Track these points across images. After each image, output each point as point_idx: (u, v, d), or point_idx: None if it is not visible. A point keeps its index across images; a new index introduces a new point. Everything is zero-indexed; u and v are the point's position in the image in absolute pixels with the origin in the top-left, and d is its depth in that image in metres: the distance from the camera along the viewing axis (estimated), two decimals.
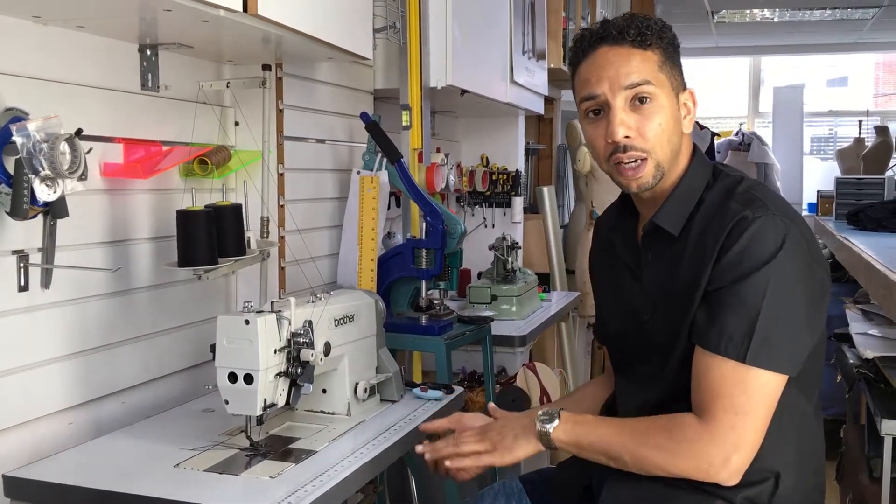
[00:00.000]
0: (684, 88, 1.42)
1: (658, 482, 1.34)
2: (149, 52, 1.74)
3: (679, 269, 1.36)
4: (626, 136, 1.36)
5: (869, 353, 2.71)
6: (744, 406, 1.26)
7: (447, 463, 1.45)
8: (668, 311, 1.39)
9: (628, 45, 1.38)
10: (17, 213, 1.37)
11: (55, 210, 1.45)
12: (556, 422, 1.38)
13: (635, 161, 1.38)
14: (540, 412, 1.40)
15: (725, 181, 1.40)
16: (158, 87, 1.78)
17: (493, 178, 3.34)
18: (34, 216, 1.41)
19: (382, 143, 2.23)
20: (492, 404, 1.60)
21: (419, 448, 1.51)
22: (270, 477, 1.37)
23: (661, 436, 1.32)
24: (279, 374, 1.46)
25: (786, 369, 1.28)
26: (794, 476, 1.36)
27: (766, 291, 1.26)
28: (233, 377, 1.43)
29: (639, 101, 1.36)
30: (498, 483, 1.64)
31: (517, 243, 2.99)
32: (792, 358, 1.29)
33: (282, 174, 2.10)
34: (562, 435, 1.37)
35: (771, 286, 1.26)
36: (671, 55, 1.40)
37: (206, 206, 1.76)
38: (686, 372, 1.35)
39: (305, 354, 1.48)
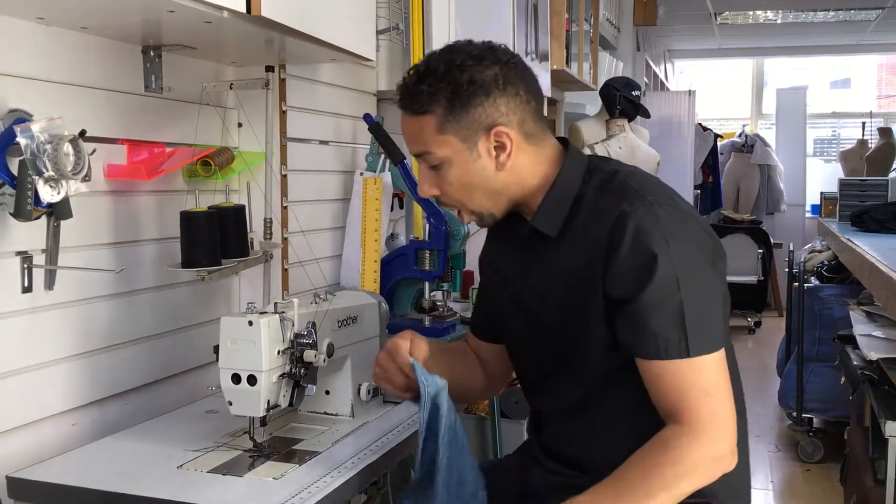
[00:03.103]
0: (489, 130, 1.33)
1: None
2: (152, 54, 1.74)
3: (562, 267, 1.37)
4: (433, 195, 1.41)
5: (873, 355, 2.70)
6: (710, 387, 1.27)
7: None
8: (548, 312, 1.40)
9: (408, 113, 1.37)
10: (20, 214, 1.37)
11: (59, 211, 1.45)
12: None
13: (452, 209, 1.43)
14: None
15: (600, 175, 1.38)
16: (162, 88, 1.78)
17: None
18: (38, 217, 1.42)
19: (385, 144, 2.23)
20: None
21: None
22: (274, 478, 1.37)
23: (665, 469, 1.26)
24: (282, 376, 1.46)
25: (721, 344, 1.30)
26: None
27: (678, 281, 1.26)
28: (236, 378, 1.43)
29: (431, 166, 1.38)
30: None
31: None
32: (721, 332, 1.31)
33: (285, 175, 2.11)
34: None
35: (679, 273, 1.26)
36: (458, 105, 1.32)
37: (209, 208, 1.76)
38: (588, 368, 1.36)
39: (308, 355, 1.48)
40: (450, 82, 1.32)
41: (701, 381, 1.27)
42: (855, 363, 2.85)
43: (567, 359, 1.40)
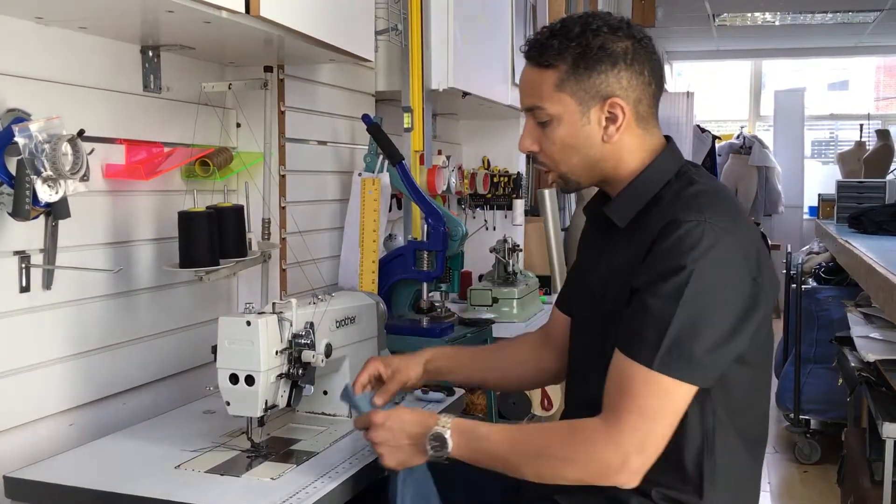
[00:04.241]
0: (606, 99, 1.36)
1: (600, 495, 1.34)
2: (151, 54, 1.74)
3: (622, 261, 1.36)
4: (532, 150, 1.44)
5: (870, 357, 2.71)
6: (649, 409, 1.24)
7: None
8: (606, 301, 1.39)
9: (531, 65, 1.40)
10: (18, 213, 1.37)
11: (57, 211, 1.45)
12: (449, 448, 1.33)
13: (544, 168, 1.46)
14: (431, 434, 1.34)
15: (682, 182, 1.37)
16: (160, 88, 1.78)
17: (495, 180, 3.34)
18: (36, 217, 1.41)
19: (384, 145, 2.23)
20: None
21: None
22: (271, 478, 1.37)
23: (556, 441, 1.30)
24: (280, 376, 1.46)
25: (695, 380, 1.25)
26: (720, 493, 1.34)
27: (682, 298, 1.23)
28: (234, 378, 1.43)
29: (539, 122, 1.41)
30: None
31: (518, 246, 2.99)
32: (704, 369, 1.25)
33: (283, 176, 2.10)
34: (458, 453, 1.34)
35: (687, 293, 1.23)
36: (582, 67, 1.34)
37: (207, 208, 1.76)
38: None
39: (307, 356, 1.48)
40: (581, 43, 1.34)
41: (647, 399, 1.24)
42: (852, 365, 2.86)
43: (603, 353, 1.38)
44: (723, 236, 1.26)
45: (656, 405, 1.24)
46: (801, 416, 3.97)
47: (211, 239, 1.73)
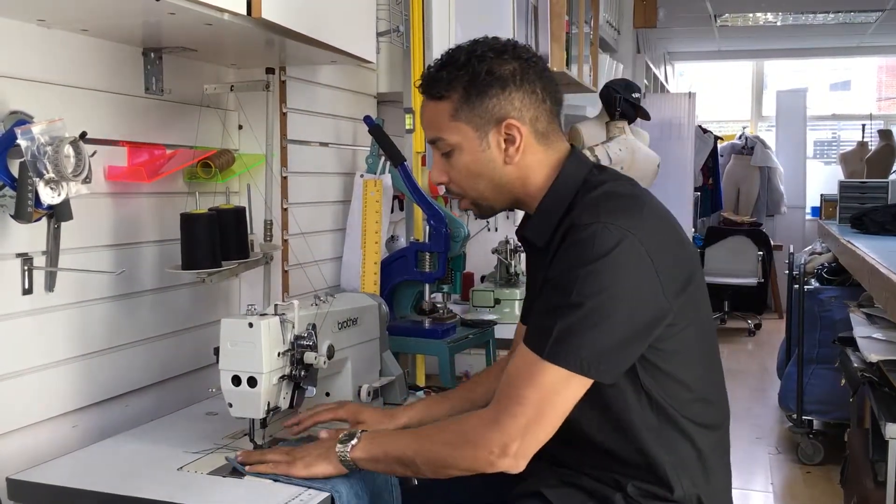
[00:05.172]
0: (501, 122, 1.36)
1: (583, 489, 1.36)
2: (152, 56, 1.74)
3: (545, 279, 1.36)
4: (442, 182, 1.45)
5: (873, 357, 2.70)
6: (530, 398, 1.26)
7: (247, 468, 1.41)
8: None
9: (426, 98, 1.43)
10: (21, 216, 1.37)
11: (59, 213, 1.45)
12: (355, 440, 1.37)
13: (457, 197, 1.47)
14: (344, 433, 1.40)
15: (586, 189, 1.37)
16: (162, 90, 1.78)
17: None
18: (38, 219, 1.42)
19: (386, 146, 2.23)
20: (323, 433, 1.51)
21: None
22: (273, 480, 1.37)
23: (446, 432, 1.35)
24: (283, 377, 1.46)
25: (587, 372, 1.25)
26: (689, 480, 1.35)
27: (575, 290, 1.24)
28: (236, 380, 1.43)
29: (443, 153, 1.42)
30: None
31: (520, 247, 2.99)
32: (595, 362, 1.24)
33: (285, 177, 2.11)
34: (359, 453, 1.37)
35: (584, 291, 1.23)
36: (473, 94, 1.36)
37: (209, 210, 1.76)
38: None
39: (309, 357, 1.48)
40: (468, 71, 1.36)
41: (534, 389, 1.25)
42: (855, 365, 2.85)
43: None
44: (625, 236, 1.25)
45: (540, 395, 1.26)
46: (803, 417, 3.96)
47: (213, 241, 1.73)
